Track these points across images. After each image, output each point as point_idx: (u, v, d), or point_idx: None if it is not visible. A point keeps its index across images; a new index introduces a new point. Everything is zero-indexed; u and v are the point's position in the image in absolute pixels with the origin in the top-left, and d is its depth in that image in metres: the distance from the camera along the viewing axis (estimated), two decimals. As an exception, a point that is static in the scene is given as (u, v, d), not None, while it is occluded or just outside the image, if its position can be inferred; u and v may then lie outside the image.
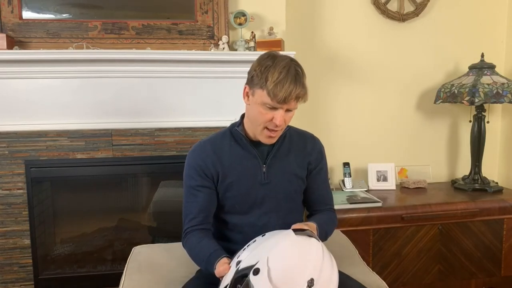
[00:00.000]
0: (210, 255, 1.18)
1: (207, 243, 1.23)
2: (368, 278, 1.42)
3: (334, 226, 1.43)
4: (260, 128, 1.23)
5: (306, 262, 0.98)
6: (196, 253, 1.25)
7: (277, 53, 1.24)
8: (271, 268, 0.95)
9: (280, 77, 1.15)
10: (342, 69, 2.58)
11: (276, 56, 1.21)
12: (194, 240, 1.27)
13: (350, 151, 2.63)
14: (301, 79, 1.18)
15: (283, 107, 1.18)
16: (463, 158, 2.76)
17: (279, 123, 1.19)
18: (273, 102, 1.16)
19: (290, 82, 1.15)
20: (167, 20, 2.11)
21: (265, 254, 0.98)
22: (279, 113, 1.18)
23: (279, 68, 1.16)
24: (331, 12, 2.53)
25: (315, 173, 1.39)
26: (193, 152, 1.33)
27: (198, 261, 1.26)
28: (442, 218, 2.20)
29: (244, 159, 1.31)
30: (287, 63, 1.18)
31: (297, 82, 1.16)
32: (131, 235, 2.34)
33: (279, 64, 1.17)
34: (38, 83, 1.99)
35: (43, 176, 2.08)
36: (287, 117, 1.22)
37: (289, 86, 1.15)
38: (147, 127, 2.10)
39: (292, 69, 1.17)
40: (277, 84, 1.14)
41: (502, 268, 2.30)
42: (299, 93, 1.17)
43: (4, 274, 2.05)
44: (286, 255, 0.99)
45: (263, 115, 1.20)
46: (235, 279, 0.98)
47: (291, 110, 1.21)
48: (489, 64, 2.42)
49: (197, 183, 1.30)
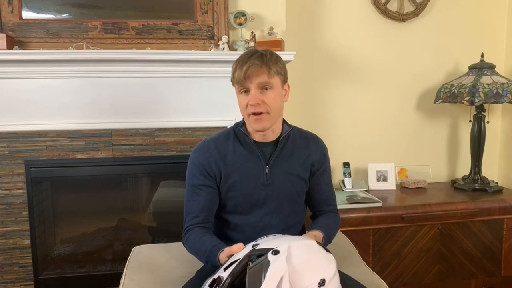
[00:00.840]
0: (213, 247, 1.17)
1: (209, 238, 1.24)
2: (368, 278, 1.42)
3: (337, 229, 1.44)
4: (246, 116, 1.26)
5: (322, 265, 0.98)
6: (198, 247, 1.25)
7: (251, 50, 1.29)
8: (291, 254, 0.95)
9: (238, 62, 1.22)
10: (342, 69, 2.58)
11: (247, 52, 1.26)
12: (195, 236, 1.27)
13: (350, 151, 2.63)
14: (258, 55, 1.21)
15: (251, 86, 1.21)
16: (463, 158, 2.76)
17: (252, 102, 1.21)
18: (238, 85, 1.23)
19: (243, 62, 1.20)
20: (167, 20, 2.11)
21: (287, 243, 0.98)
22: (251, 94, 1.21)
23: (240, 57, 1.23)
24: (331, 12, 2.53)
25: (319, 175, 1.39)
26: (197, 151, 1.33)
27: (200, 254, 1.25)
28: (442, 218, 2.20)
29: (247, 160, 1.31)
30: (251, 50, 1.25)
31: (251, 57, 1.20)
32: (131, 235, 2.34)
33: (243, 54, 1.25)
34: (38, 83, 1.99)
35: (43, 176, 2.08)
36: (265, 98, 1.22)
37: (244, 64, 1.19)
38: (147, 127, 2.10)
39: (252, 52, 1.23)
40: (235, 69, 1.22)
41: (502, 268, 2.30)
42: (251, 67, 1.19)
43: (4, 274, 2.05)
44: (307, 251, 0.99)
45: (241, 103, 1.25)
46: (249, 256, 0.96)
47: (266, 89, 1.22)
48: (489, 64, 2.42)
49: (199, 182, 1.30)
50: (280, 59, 1.27)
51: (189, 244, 1.29)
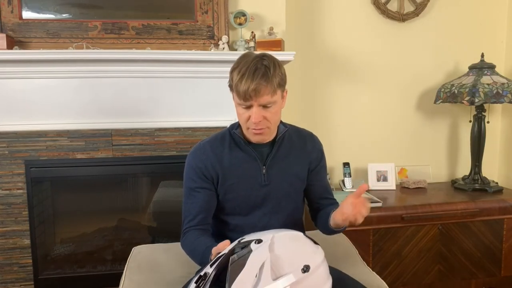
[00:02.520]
0: (206, 248, 1.17)
1: (204, 240, 1.24)
2: (368, 278, 1.42)
3: None
4: (245, 128, 1.25)
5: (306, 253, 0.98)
6: (193, 249, 1.25)
7: (249, 52, 1.24)
8: (274, 242, 0.95)
9: (240, 73, 1.16)
10: (342, 69, 2.58)
11: (245, 56, 1.22)
12: (191, 238, 1.27)
13: (350, 151, 2.63)
14: (261, 72, 1.15)
15: (253, 104, 1.17)
16: (463, 158, 2.76)
17: (255, 120, 1.18)
18: (240, 100, 1.18)
19: (247, 77, 1.14)
20: (167, 20, 2.11)
21: (271, 234, 0.98)
22: (253, 111, 1.18)
23: (241, 65, 1.17)
24: (331, 12, 2.52)
25: (316, 172, 1.39)
26: (193, 154, 1.33)
27: (195, 255, 1.25)
28: (442, 218, 2.20)
29: (244, 161, 1.30)
30: (252, 59, 1.18)
31: (255, 75, 1.14)
32: (131, 235, 2.34)
33: (243, 61, 1.18)
34: (38, 83, 1.99)
35: (43, 176, 2.08)
36: (267, 114, 1.20)
37: (246, 81, 1.14)
38: (147, 127, 2.10)
39: (254, 63, 1.16)
40: (238, 81, 1.16)
41: (502, 268, 2.30)
42: (257, 87, 1.14)
43: (4, 274, 2.05)
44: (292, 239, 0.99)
45: (241, 115, 1.22)
46: (233, 248, 0.97)
47: (268, 106, 1.19)
48: (489, 64, 2.41)
49: (196, 184, 1.30)
50: (281, 67, 1.23)
51: (186, 246, 1.29)
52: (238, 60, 1.22)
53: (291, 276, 0.90)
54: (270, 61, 1.19)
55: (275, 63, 1.20)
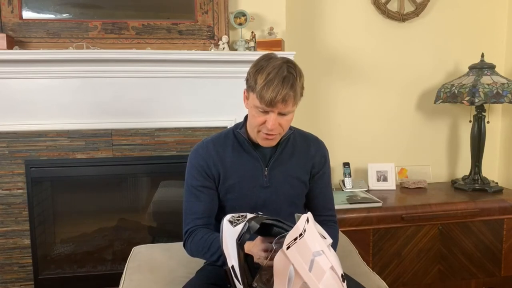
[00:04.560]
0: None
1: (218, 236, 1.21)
2: (368, 278, 1.42)
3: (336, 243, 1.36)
4: (256, 131, 1.22)
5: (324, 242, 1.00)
6: (209, 244, 1.21)
7: (273, 55, 1.21)
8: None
9: (268, 78, 1.13)
10: (342, 69, 2.58)
11: (270, 58, 1.18)
12: (203, 235, 1.24)
13: (350, 151, 2.63)
14: (290, 81, 1.13)
15: (274, 111, 1.15)
16: (463, 158, 2.76)
17: (271, 127, 1.17)
18: (261, 105, 1.15)
19: (276, 85, 1.12)
20: (167, 20, 2.11)
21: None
22: (271, 117, 1.16)
23: (268, 70, 1.14)
24: (331, 12, 2.53)
25: (318, 177, 1.37)
26: (196, 152, 1.32)
27: (210, 251, 1.21)
28: (442, 218, 2.20)
29: (246, 162, 1.30)
30: (279, 64, 1.15)
31: (284, 84, 1.12)
32: (131, 235, 2.34)
33: (270, 65, 1.15)
34: (38, 83, 1.99)
35: (43, 176, 2.07)
36: (282, 121, 1.19)
37: (274, 89, 1.12)
38: (147, 127, 2.10)
39: (282, 70, 1.13)
40: (264, 86, 1.12)
41: (502, 268, 2.30)
42: (285, 96, 1.12)
43: (4, 274, 2.05)
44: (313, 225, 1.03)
45: (256, 118, 1.19)
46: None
47: (285, 114, 1.18)
48: (489, 64, 2.42)
49: (199, 183, 1.29)
50: (303, 76, 1.21)
51: (195, 244, 1.26)
52: (261, 62, 1.18)
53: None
54: (296, 70, 1.17)
55: (300, 72, 1.19)
